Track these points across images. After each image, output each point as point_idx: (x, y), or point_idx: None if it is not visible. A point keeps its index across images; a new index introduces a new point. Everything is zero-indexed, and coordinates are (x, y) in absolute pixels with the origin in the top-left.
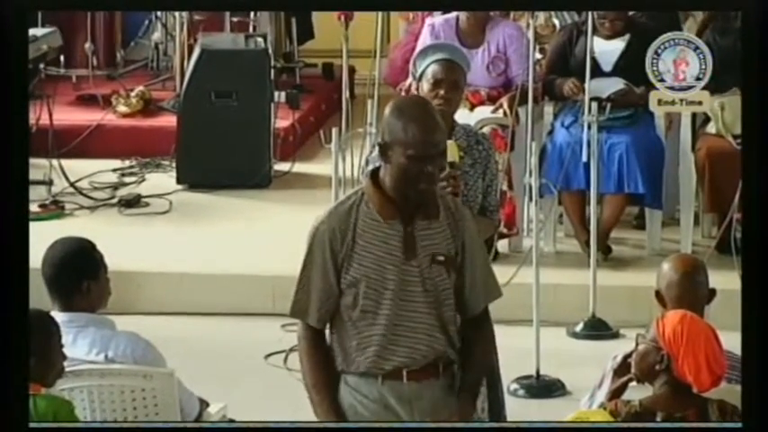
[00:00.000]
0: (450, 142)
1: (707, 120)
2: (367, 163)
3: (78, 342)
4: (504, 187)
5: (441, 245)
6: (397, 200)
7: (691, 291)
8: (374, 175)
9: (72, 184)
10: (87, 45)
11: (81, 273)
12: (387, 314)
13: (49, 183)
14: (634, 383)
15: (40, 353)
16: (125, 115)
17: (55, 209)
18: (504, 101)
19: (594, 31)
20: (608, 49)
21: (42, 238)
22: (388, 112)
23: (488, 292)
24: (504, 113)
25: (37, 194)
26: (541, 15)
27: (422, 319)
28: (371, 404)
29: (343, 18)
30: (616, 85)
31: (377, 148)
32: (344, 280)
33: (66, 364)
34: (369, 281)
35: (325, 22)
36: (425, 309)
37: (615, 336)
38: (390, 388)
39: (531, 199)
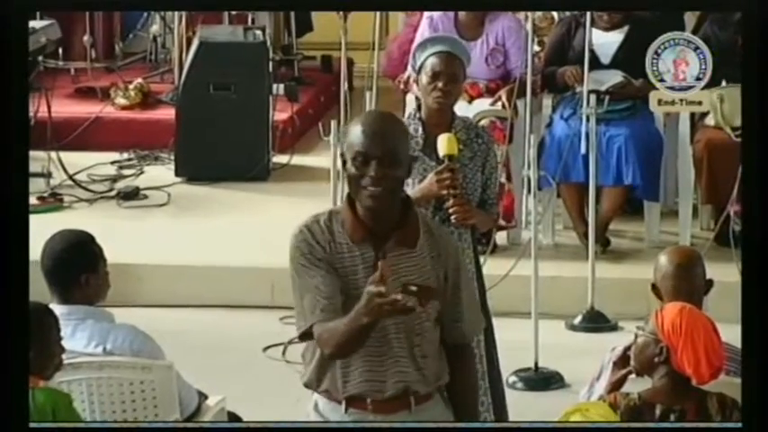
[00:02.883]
0: (449, 135)
1: (705, 112)
2: None
3: (77, 335)
4: (503, 179)
5: (415, 274)
6: (369, 224)
7: (687, 282)
8: (350, 197)
9: (70, 177)
10: (86, 37)
11: (80, 265)
12: None
13: (48, 175)
14: (633, 376)
15: (39, 345)
16: (123, 108)
17: (53, 201)
18: (503, 93)
19: (593, 23)
20: (606, 42)
21: (41, 230)
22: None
23: (472, 326)
24: (503, 106)
25: (35, 187)
26: None
27: (388, 349)
28: None
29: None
30: (614, 77)
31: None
32: None
33: (64, 356)
34: (336, 302)
35: (323, 14)
36: (393, 338)
37: (614, 328)
38: (354, 417)
39: (529, 191)
